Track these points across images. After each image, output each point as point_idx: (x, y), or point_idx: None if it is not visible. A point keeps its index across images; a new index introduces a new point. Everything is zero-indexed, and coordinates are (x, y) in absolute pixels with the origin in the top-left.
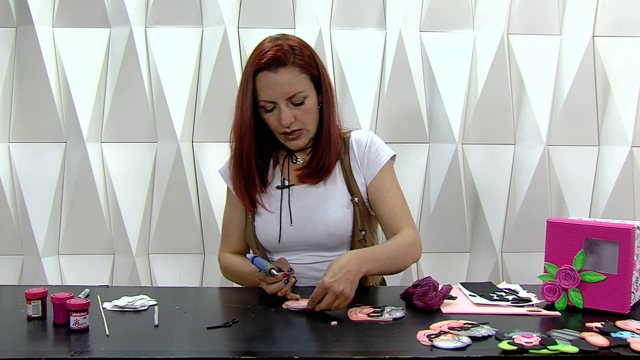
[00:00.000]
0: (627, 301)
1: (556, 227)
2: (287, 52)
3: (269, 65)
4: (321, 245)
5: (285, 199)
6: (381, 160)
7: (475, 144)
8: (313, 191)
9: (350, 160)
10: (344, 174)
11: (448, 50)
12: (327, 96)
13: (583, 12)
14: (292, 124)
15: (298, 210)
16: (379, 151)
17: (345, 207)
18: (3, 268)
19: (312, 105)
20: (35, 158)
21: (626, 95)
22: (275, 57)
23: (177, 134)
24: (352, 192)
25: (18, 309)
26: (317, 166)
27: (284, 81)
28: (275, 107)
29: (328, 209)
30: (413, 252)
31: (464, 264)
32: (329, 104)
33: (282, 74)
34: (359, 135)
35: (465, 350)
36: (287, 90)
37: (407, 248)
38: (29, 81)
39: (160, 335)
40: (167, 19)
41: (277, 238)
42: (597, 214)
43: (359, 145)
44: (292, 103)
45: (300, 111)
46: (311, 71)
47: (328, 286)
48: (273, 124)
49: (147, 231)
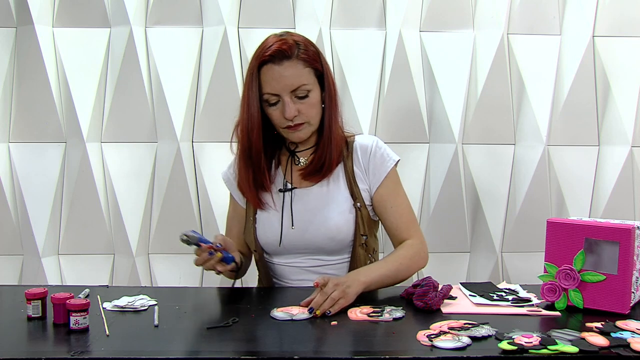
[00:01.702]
0: (627, 301)
1: (556, 227)
2: (291, 45)
3: (273, 57)
4: (322, 248)
5: (287, 202)
6: (387, 167)
7: (475, 144)
8: (315, 194)
9: (353, 165)
10: (346, 178)
11: (448, 50)
12: (330, 93)
13: (583, 12)
14: (295, 118)
15: (300, 213)
16: (384, 157)
17: (348, 211)
18: (3, 268)
19: (315, 100)
20: (35, 158)
21: (626, 95)
22: (280, 50)
23: (177, 134)
24: (354, 197)
25: (18, 309)
26: (319, 163)
27: (289, 74)
28: (279, 100)
29: (330, 213)
30: (416, 262)
31: (464, 264)
32: (332, 102)
33: (287, 66)
34: (363, 140)
35: (465, 350)
36: (291, 82)
37: (410, 259)
38: (29, 81)
39: (160, 335)
40: (167, 19)
41: (277, 241)
42: (597, 214)
43: (363, 150)
44: (296, 96)
45: (304, 105)
46: (315, 65)
47: (337, 282)
48: (277, 118)
49: (147, 231)
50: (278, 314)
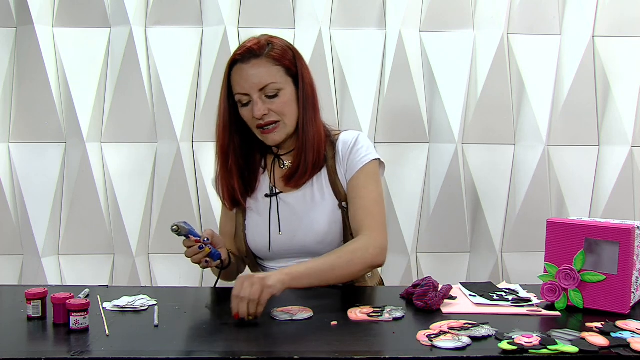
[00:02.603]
0: (627, 301)
1: (556, 227)
2: (262, 45)
3: (242, 57)
4: (313, 252)
5: (274, 207)
6: (361, 160)
7: (475, 144)
8: (300, 198)
9: (335, 163)
10: (329, 177)
11: (448, 50)
12: (306, 94)
13: (583, 12)
14: (265, 117)
15: (287, 218)
16: (360, 151)
17: (333, 212)
18: (3, 268)
19: (287, 99)
20: (35, 158)
21: (626, 95)
22: (249, 49)
23: (177, 134)
24: (338, 197)
25: (18, 309)
26: (294, 168)
27: (255, 72)
28: (250, 101)
29: (316, 216)
30: (360, 256)
31: (464, 264)
32: (308, 102)
33: (254, 64)
34: (346, 135)
35: (465, 350)
36: (258, 81)
37: (352, 253)
38: (29, 81)
39: (160, 335)
40: (167, 19)
41: (267, 246)
42: (597, 214)
43: (344, 145)
44: (265, 95)
45: (274, 104)
46: (285, 63)
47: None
48: (249, 119)
49: (147, 231)
50: (278, 314)
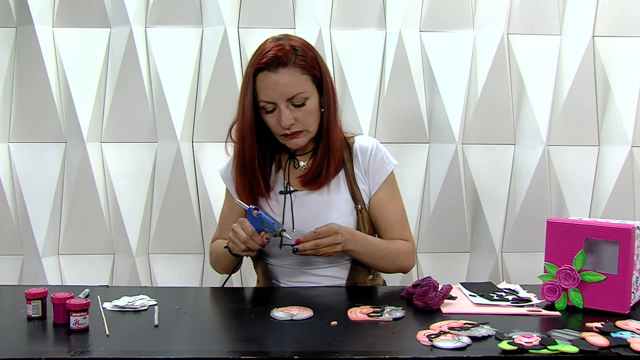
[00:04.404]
0: (627, 301)
1: (556, 227)
2: (288, 52)
3: (269, 65)
4: None
5: (288, 205)
6: (386, 170)
7: (475, 144)
8: (316, 197)
9: (354, 167)
10: (347, 181)
11: (448, 50)
12: (329, 99)
13: (583, 12)
14: (292, 126)
15: (301, 217)
16: (384, 160)
17: (349, 214)
18: (3, 268)
19: (313, 107)
20: (35, 158)
21: (626, 95)
22: (276, 57)
23: (177, 134)
24: (355, 200)
25: (18, 309)
26: (316, 172)
27: (284, 82)
28: (276, 108)
29: (331, 216)
30: (403, 260)
31: (464, 264)
32: (331, 108)
33: (283, 74)
34: (363, 141)
35: (465, 350)
36: (287, 91)
37: (399, 254)
38: (29, 81)
39: (160, 335)
40: (167, 19)
41: (278, 244)
42: (597, 214)
43: (363, 152)
44: (292, 104)
45: (301, 113)
46: (313, 72)
47: (337, 230)
48: (273, 126)
49: (147, 231)
50: (278, 314)
